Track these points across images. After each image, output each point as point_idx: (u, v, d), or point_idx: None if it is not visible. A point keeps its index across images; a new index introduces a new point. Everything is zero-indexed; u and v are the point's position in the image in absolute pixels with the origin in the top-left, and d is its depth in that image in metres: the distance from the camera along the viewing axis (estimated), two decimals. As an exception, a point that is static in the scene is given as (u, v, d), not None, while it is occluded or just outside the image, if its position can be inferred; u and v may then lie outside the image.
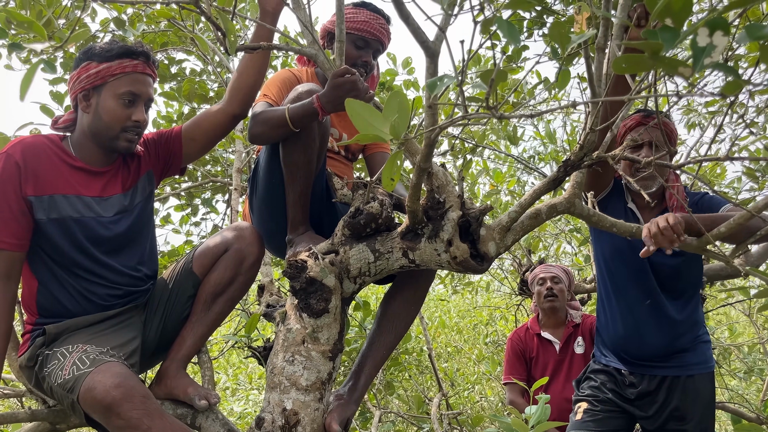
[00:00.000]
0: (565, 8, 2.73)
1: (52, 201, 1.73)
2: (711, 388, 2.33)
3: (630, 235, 1.75)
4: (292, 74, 2.18)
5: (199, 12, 1.54)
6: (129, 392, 1.49)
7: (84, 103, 1.78)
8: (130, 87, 1.75)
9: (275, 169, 1.96)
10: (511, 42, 0.90)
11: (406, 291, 1.99)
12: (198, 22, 3.57)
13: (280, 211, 1.99)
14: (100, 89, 1.75)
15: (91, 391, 1.51)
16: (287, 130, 1.82)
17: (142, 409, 1.49)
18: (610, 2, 1.47)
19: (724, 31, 0.73)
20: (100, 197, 1.82)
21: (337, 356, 1.80)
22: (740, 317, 6.56)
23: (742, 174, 3.39)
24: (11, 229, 1.69)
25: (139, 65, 1.77)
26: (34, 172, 1.71)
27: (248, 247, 1.91)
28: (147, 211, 1.96)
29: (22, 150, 1.71)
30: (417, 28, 1.34)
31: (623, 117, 1.78)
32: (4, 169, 1.68)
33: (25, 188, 1.70)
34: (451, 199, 1.66)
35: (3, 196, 1.68)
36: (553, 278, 3.32)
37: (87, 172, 1.81)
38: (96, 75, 1.74)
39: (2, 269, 1.71)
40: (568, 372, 3.19)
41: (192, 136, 1.98)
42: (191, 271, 1.92)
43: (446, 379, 5.74)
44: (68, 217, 1.75)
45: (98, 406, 1.49)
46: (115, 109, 1.75)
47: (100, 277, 1.81)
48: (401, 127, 0.95)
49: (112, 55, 1.74)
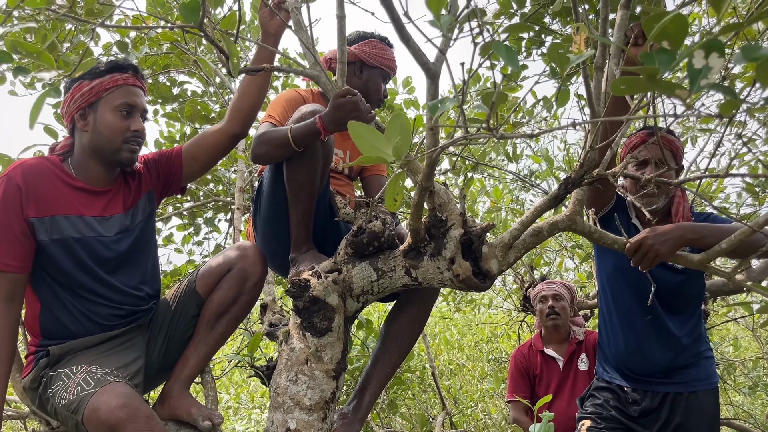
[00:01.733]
0: (563, 28, 2.76)
1: (53, 222, 1.75)
2: (715, 404, 2.32)
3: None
4: (297, 94, 2.21)
5: (202, 35, 1.56)
6: (134, 413, 1.49)
7: (82, 122, 1.81)
8: (124, 99, 1.80)
9: (279, 189, 1.97)
10: (509, 65, 0.92)
11: (410, 310, 1.99)
12: (200, 44, 3.61)
13: (283, 230, 2.00)
14: (96, 105, 1.79)
15: (95, 411, 1.51)
16: (290, 150, 1.84)
17: (146, 429, 1.49)
18: (607, 22, 1.49)
19: (719, 53, 0.75)
20: (102, 216, 1.83)
21: (341, 375, 1.80)
22: (745, 332, 6.53)
23: (741, 190, 3.40)
24: (14, 251, 1.71)
25: (129, 78, 1.82)
26: (36, 193, 1.73)
27: (251, 267, 1.91)
28: (148, 231, 1.97)
29: (22, 172, 1.73)
30: (418, 50, 1.36)
31: (623, 135, 1.79)
32: (6, 192, 1.70)
33: (27, 210, 1.72)
34: (453, 217, 1.68)
35: (5, 219, 1.70)
36: (555, 296, 3.31)
37: (88, 192, 1.83)
38: (90, 92, 1.78)
39: (5, 291, 1.71)
40: (572, 389, 3.17)
41: (193, 155, 2.00)
42: (194, 291, 1.92)
43: (449, 397, 5.71)
44: (70, 237, 1.76)
45: (103, 427, 1.49)
46: (113, 122, 1.78)
47: (102, 297, 1.82)
48: (404, 148, 0.97)
49: (103, 71, 1.79)
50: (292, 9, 1.91)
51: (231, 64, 1.60)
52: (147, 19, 3.10)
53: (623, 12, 1.54)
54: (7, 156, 2.61)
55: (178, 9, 1.24)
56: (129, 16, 3.10)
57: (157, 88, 3.87)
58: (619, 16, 1.54)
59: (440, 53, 1.31)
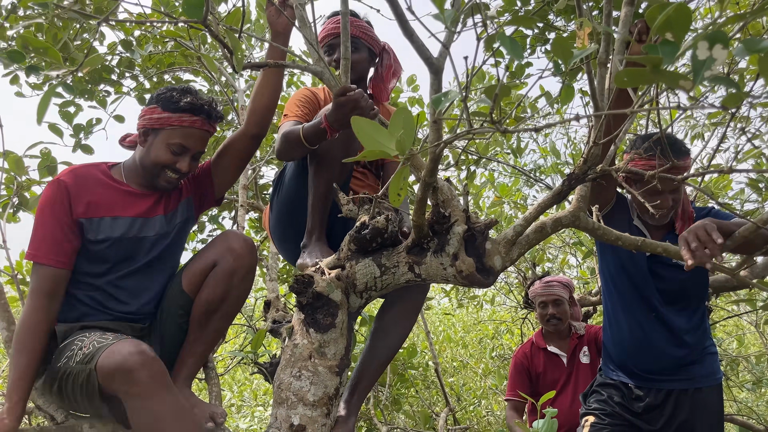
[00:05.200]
0: (567, 24, 2.75)
1: (102, 223, 1.84)
2: (719, 400, 2.32)
3: (635, 248, 1.75)
4: (309, 92, 2.26)
5: (206, 31, 1.57)
6: (149, 360, 1.51)
7: (142, 138, 1.90)
8: (181, 140, 1.87)
9: (302, 173, 2.03)
10: (514, 58, 0.92)
11: (398, 305, 2.01)
12: (204, 42, 3.61)
13: (298, 214, 2.05)
14: (158, 132, 1.88)
15: (111, 355, 1.52)
16: (306, 148, 1.90)
17: (160, 381, 1.51)
18: (611, 17, 1.49)
19: (723, 45, 0.75)
20: (146, 217, 1.92)
21: (344, 371, 1.80)
22: (749, 328, 6.52)
23: (745, 186, 3.39)
24: (62, 248, 1.79)
25: (198, 121, 1.88)
26: (85, 196, 1.83)
27: (238, 260, 1.89)
28: (182, 237, 2.03)
29: (74, 177, 1.83)
30: (421, 45, 1.36)
31: (626, 131, 1.79)
32: (56, 194, 1.80)
33: (76, 210, 1.81)
34: (456, 213, 1.67)
35: (56, 218, 1.79)
36: (555, 301, 3.30)
37: (133, 194, 1.92)
38: (157, 120, 1.86)
39: (49, 287, 1.77)
40: (576, 384, 3.18)
41: (221, 165, 2.07)
42: (181, 291, 1.92)
43: (453, 394, 5.71)
44: (113, 237, 1.84)
45: (117, 372, 1.49)
46: (162, 155, 1.87)
47: (120, 292, 1.88)
48: (407, 142, 0.97)
49: (177, 108, 1.86)
50: (296, 6, 1.92)
51: (235, 59, 1.60)
52: (151, 16, 3.11)
53: (627, 9, 1.53)
54: (14, 153, 2.62)
55: (182, 5, 1.24)
56: (133, 15, 3.10)
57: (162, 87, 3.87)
58: (624, 13, 1.54)
59: (443, 48, 1.31)
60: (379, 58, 2.35)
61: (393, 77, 2.36)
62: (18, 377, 1.67)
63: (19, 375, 1.67)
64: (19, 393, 1.67)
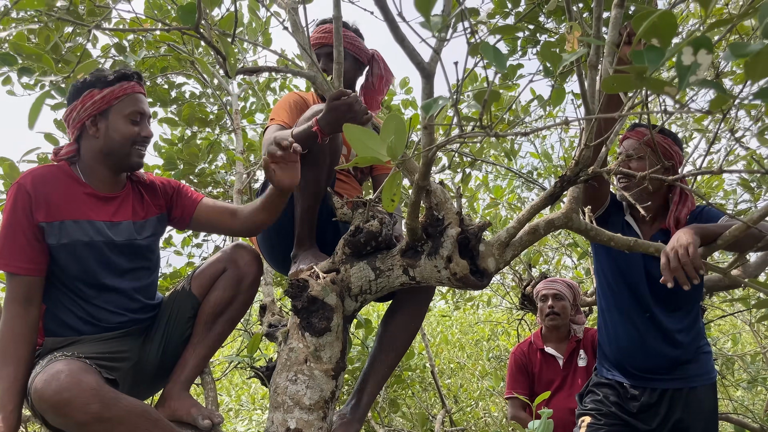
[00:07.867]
0: (558, 26, 2.76)
1: (63, 226, 1.78)
2: (713, 399, 2.33)
3: (628, 248, 1.76)
4: (298, 96, 2.24)
5: (199, 37, 1.57)
6: (78, 386, 1.48)
7: (93, 128, 1.85)
8: (134, 107, 1.85)
9: None
10: (497, 68, 0.93)
11: (406, 308, 2.00)
12: (197, 46, 3.62)
13: (285, 227, 2.03)
14: (107, 113, 1.84)
15: (38, 392, 1.49)
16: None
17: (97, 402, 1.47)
18: (601, 21, 1.50)
19: (707, 50, 0.76)
20: (111, 222, 1.87)
21: (340, 375, 1.81)
22: (743, 327, 6.55)
23: (737, 185, 3.41)
24: (26, 254, 1.75)
25: (136, 86, 1.87)
26: (45, 199, 1.77)
27: (246, 267, 1.94)
28: (154, 245, 2.00)
29: (32, 179, 1.77)
30: (412, 50, 1.37)
31: (617, 133, 1.80)
32: (16, 199, 1.75)
33: (37, 215, 1.75)
34: (450, 216, 1.69)
35: (17, 224, 1.74)
36: (556, 295, 3.30)
37: (97, 197, 1.87)
38: (101, 100, 1.82)
39: (22, 294, 1.75)
40: (571, 386, 3.18)
41: (204, 215, 2.03)
42: (190, 293, 1.94)
43: (449, 396, 5.72)
44: (78, 241, 1.79)
45: (47, 408, 1.47)
46: (125, 129, 1.84)
47: (105, 302, 1.84)
48: (398, 148, 0.98)
49: (112, 80, 1.84)
50: (289, 10, 1.92)
51: (228, 65, 1.61)
52: (144, 22, 3.11)
53: (617, 11, 1.55)
54: (8, 159, 2.62)
55: (176, 11, 1.24)
56: (126, 20, 3.10)
57: (155, 91, 3.88)
58: (613, 15, 1.55)
59: (434, 53, 1.32)
60: (369, 67, 2.34)
61: (385, 86, 2.36)
62: (6, 387, 1.66)
63: (8, 385, 1.67)
64: (13, 402, 1.66)
